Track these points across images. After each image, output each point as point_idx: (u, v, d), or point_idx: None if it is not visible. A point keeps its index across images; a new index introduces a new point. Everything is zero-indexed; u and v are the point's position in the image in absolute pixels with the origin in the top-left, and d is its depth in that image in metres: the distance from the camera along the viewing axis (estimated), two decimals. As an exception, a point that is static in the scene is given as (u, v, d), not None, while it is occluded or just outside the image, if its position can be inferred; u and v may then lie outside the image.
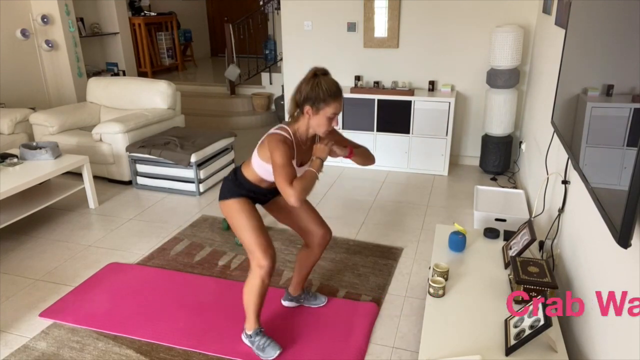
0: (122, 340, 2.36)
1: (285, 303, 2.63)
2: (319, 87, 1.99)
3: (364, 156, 2.31)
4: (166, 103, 4.61)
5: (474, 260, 2.32)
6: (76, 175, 4.23)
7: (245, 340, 2.30)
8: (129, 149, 4.07)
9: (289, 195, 1.93)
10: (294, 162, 2.13)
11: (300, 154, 2.17)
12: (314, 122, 2.07)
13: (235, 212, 2.16)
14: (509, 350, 1.69)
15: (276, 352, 2.21)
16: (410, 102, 4.34)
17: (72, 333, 2.42)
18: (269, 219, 3.62)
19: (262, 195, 2.28)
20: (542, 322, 1.65)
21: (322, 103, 2.00)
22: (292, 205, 1.95)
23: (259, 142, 2.15)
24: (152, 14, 7.76)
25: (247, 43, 6.93)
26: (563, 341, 1.76)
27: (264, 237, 2.15)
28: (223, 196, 2.21)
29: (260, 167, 2.15)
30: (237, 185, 2.20)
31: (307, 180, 1.99)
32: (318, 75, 2.03)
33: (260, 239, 2.13)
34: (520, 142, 4.24)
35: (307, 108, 2.04)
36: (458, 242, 2.38)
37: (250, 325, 2.26)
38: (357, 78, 4.65)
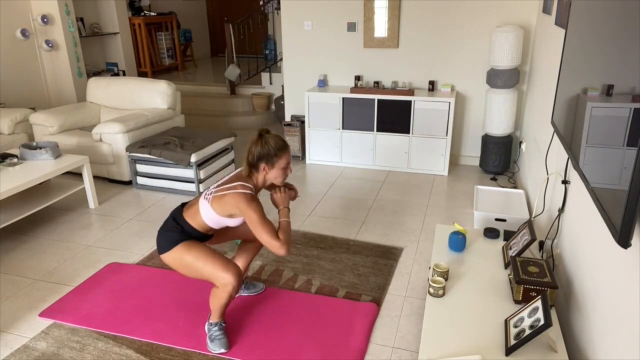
0: (122, 340, 2.36)
1: None
2: (268, 144, 2.20)
3: (297, 192, 2.53)
4: (166, 103, 4.61)
5: (474, 260, 2.32)
6: (76, 175, 4.23)
7: (206, 327, 2.38)
8: (129, 149, 4.07)
9: (277, 247, 2.13)
10: None
11: None
12: (271, 176, 2.26)
13: (182, 256, 2.20)
14: (509, 350, 1.69)
15: (221, 350, 2.27)
16: (410, 102, 4.34)
17: (72, 333, 2.42)
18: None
19: (203, 239, 2.35)
20: (542, 322, 1.65)
21: (274, 158, 2.21)
22: (281, 255, 2.18)
23: (212, 196, 2.20)
24: (152, 14, 7.76)
25: (247, 43, 6.93)
26: (563, 341, 1.76)
27: (218, 258, 2.20)
28: (167, 248, 2.22)
29: (214, 221, 2.23)
30: (183, 235, 2.24)
31: (288, 231, 2.21)
32: (263, 135, 2.23)
33: (216, 262, 2.19)
34: (520, 142, 4.24)
35: (262, 166, 2.22)
36: (458, 242, 2.38)
37: (214, 317, 2.33)
38: (357, 78, 4.65)
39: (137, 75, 7.20)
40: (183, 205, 2.34)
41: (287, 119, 5.23)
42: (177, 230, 2.23)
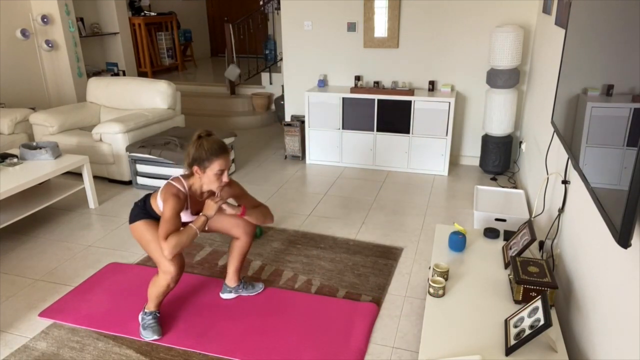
0: (122, 340, 2.36)
1: (224, 295, 2.69)
2: (202, 147, 2.19)
3: (260, 216, 2.48)
4: (166, 103, 4.61)
5: (474, 260, 2.32)
6: (76, 175, 4.23)
7: (140, 316, 2.44)
8: (129, 149, 4.07)
9: (163, 248, 2.13)
10: (188, 213, 2.34)
11: (196, 205, 2.36)
12: (205, 180, 2.25)
13: (143, 230, 2.32)
14: (509, 350, 1.69)
15: (153, 337, 2.34)
16: (410, 102, 4.34)
17: (72, 333, 2.42)
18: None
19: None
20: (542, 322, 1.65)
21: (206, 162, 2.19)
22: (165, 256, 2.16)
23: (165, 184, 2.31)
24: (152, 14, 7.76)
25: (247, 43, 6.93)
26: (563, 341, 1.76)
27: None
28: (132, 220, 2.37)
29: (161, 208, 2.29)
30: (144, 213, 2.37)
31: (182, 236, 2.16)
32: (202, 137, 2.22)
33: None
34: (520, 142, 4.24)
35: (195, 168, 2.23)
36: (458, 242, 2.38)
37: (150, 306, 2.40)
38: (357, 78, 4.65)
39: (137, 75, 7.20)
40: None
41: (287, 119, 5.23)
42: (139, 205, 2.39)
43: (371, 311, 2.55)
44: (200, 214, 2.25)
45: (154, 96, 4.60)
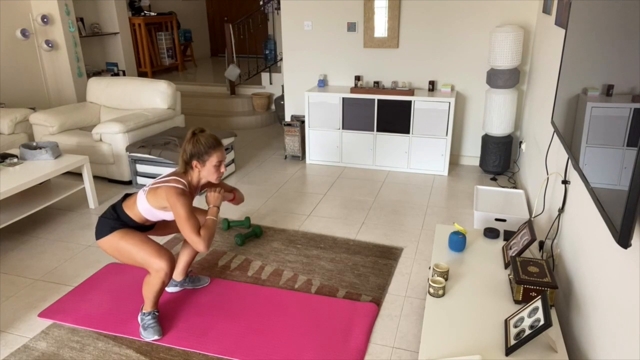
0: (122, 340, 2.36)
1: (170, 289, 2.75)
2: (199, 143, 2.32)
3: (241, 196, 2.73)
4: (166, 103, 4.61)
5: (474, 260, 2.32)
6: (76, 175, 4.23)
7: (139, 317, 2.45)
8: (129, 149, 4.07)
9: (198, 243, 2.23)
10: None
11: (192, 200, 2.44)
12: (204, 173, 2.38)
13: (117, 243, 2.31)
14: (509, 350, 1.69)
15: (154, 337, 2.35)
16: (410, 102, 4.34)
17: (72, 333, 2.42)
18: (269, 218, 3.62)
19: (141, 229, 2.47)
20: (542, 322, 1.65)
21: (205, 155, 2.33)
22: (200, 251, 2.26)
23: (148, 188, 2.34)
24: (152, 14, 7.76)
25: (247, 43, 6.93)
26: (563, 341, 1.76)
27: (151, 245, 2.31)
28: (103, 234, 2.33)
29: (148, 212, 2.35)
30: (120, 223, 2.35)
31: (211, 229, 2.30)
32: (196, 134, 2.35)
33: (150, 248, 2.30)
34: (520, 142, 4.24)
35: (194, 163, 2.35)
36: (458, 242, 2.38)
37: (147, 307, 2.41)
38: (357, 78, 4.65)
39: (137, 75, 7.21)
40: (126, 196, 2.45)
41: (287, 119, 5.23)
42: (112, 217, 2.36)
43: (371, 311, 2.55)
44: (210, 205, 2.40)
45: (154, 96, 4.60)
